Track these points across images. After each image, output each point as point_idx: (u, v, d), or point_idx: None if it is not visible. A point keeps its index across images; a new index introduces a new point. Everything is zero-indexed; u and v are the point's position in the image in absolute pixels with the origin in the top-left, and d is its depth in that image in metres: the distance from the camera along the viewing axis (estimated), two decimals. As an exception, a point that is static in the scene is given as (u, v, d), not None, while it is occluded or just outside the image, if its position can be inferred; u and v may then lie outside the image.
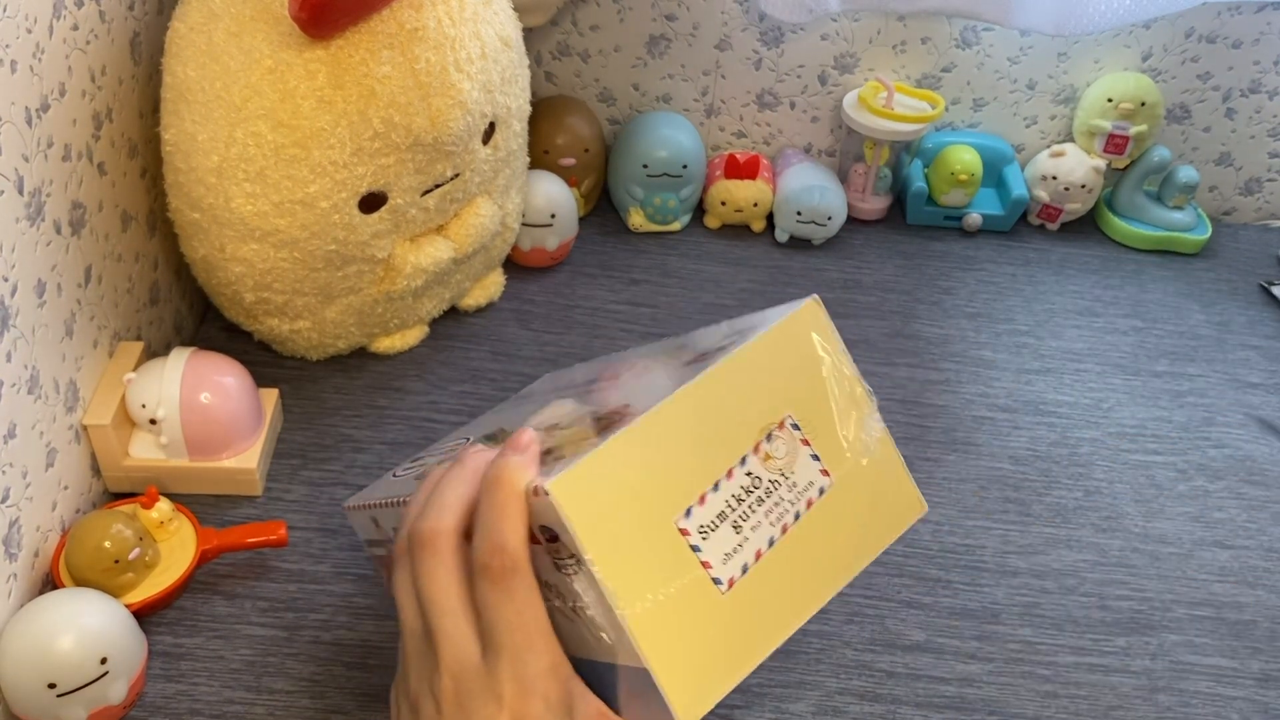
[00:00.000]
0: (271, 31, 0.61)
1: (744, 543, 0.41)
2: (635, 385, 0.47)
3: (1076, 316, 0.89)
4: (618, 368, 0.53)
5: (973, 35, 0.93)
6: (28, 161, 0.57)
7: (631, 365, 0.52)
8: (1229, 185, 1.02)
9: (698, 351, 0.47)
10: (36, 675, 0.52)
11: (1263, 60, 0.94)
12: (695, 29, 0.93)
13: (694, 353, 0.47)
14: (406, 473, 0.58)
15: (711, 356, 0.44)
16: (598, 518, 0.38)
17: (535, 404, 0.61)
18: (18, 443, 0.57)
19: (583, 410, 0.47)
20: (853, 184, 0.97)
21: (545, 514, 0.38)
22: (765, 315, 0.47)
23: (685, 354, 0.48)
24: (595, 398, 0.49)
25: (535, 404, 0.61)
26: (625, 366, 0.52)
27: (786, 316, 0.45)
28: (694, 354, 0.47)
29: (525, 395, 0.65)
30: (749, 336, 0.44)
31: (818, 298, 0.46)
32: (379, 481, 0.61)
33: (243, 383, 0.69)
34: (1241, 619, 0.67)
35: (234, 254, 0.67)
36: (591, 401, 0.48)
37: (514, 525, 0.38)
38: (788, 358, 0.44)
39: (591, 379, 0.57)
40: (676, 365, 0.47)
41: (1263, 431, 0.75)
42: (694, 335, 0.54)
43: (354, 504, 0.58)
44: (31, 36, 0.56)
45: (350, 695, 0.59)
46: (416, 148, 0.66)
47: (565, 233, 0.87)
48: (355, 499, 0.59)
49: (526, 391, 0.66)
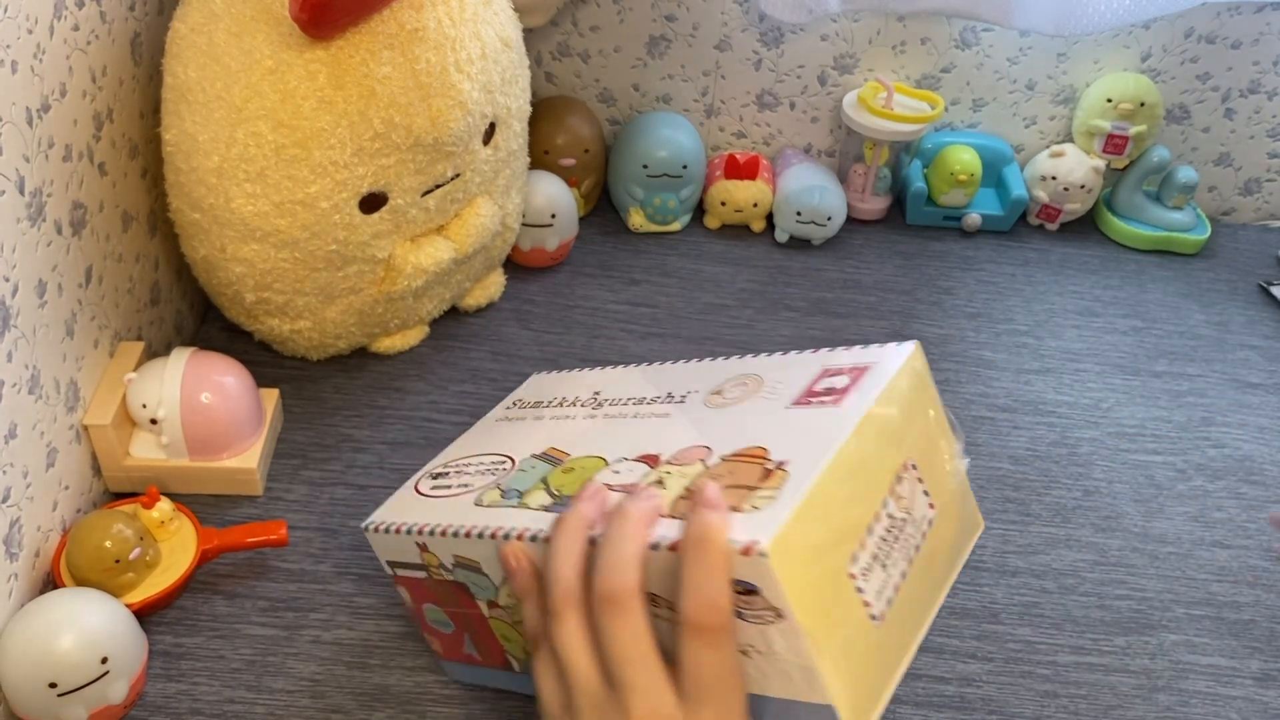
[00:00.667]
0: (272, 32, 0.61)
1: (888, 578, 0.45)
2: (716, 423, 0.50)
3: (1076, 316, 0.89)
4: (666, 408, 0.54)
5: (972, 36, 0.93)
6: (29, 162, 0.57)
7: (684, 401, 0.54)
8: (1228, 185, 1.02)
9: (795, 390, 0.50)
10: (37, 675, 0.52)
11: (1262, 60, 0.94)
12: (695, 29, 0.93)
13: (791, 391, 0.50)
14: (442, 493, 0.56)
15: (824, 399, 0.47)
16: (797, 573, 0.40)
17: (538, 416, 0.61)
18: (18, 443, 0.57)
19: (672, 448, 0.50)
20: (852, 184, 0.97)
21: (751, 571, 0.40)
22: (863, 354, 0.50)
23: (773, 389, 0.51)
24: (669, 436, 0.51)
25: (538, 416, 0.61)
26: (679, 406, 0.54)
27: (903, 362, 0.48)
28: (795, 393, 0.49)
29: (521, 403, 0.64)
30: (867, 384, 0.47)
31: (919, 343, 0.49)
32: (398, 500, 0.57)
33: (243, 383, 0.69)
34: (1240, 619, 0.67)
35: (235, 254, 0.67)
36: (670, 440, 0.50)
37: (725, 583, 0.40)
38: (905, 403, 0.48)
39: (625, 398, 0.57)
40: (767, 400, 0.50)
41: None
42: (754, 364, 0.55)
43: (380, 525, 0.55)
44: (32, 37, 0.57)
45: (350, 695, 0.59)
46: (417, 148, 0.66)
47: (565, 233, 0.88)
48: (379, 519, 0.56)
49: (517, 397, 0.65)
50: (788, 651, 0.41)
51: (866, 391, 0.46)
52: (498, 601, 0.52)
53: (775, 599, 0.40)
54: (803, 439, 0.45)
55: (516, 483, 0.53)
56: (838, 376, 0.49)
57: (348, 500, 0.69)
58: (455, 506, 0.53)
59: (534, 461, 0.54)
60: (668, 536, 0.42)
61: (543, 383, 0.66)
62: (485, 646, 0.55)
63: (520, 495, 0.51)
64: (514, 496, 0.51)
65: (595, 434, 0.55)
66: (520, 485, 0.52)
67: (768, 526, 0.40)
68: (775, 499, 0.41)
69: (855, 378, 0.48)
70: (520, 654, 0.54)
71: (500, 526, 0.49)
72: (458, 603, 0.54)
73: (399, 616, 0.63)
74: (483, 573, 0.51)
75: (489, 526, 0.49)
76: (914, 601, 0.46)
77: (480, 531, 0.49)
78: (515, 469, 0.54)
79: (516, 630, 0.52)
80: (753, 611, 0.41)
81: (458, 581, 0.52)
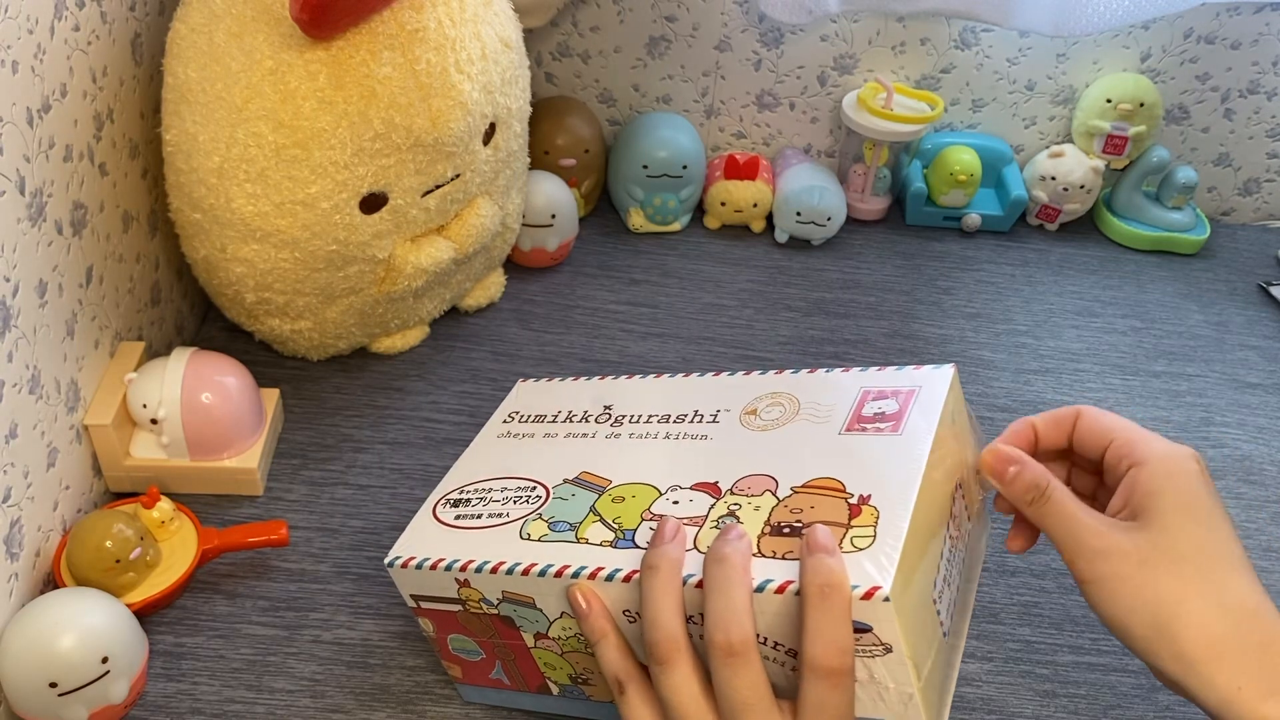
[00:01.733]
0: (272, 32, 0.62)
1: (953, 595, 0.48)
2: (766, 448, 0.51)
3: (1075, 317, 0.90)
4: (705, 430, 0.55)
5: (972, 36, 0.93)
6: (29, 162, 0.57)
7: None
8: (1228, 186, 1.02)
9: (841, 414, 0.51)
10: (38, 674, 0.52)
11: (1261, 61, 0.94)
12: (695, 30, 0.93)
13: (837, 415, 0.51)
14: (471, 524, 0.54)
15: (879, 425, 0.49)
16: (905, 610, 0.42)
17: (550, 434, 0.59)
18: (19, 443, 0.57)
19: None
20: (852, 184, 0.97)
21: (870, 613, 0.41)
22: (902, 375, 0.52)
23: (814, 412, 0.52)
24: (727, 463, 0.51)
25: (550, 434, 0.59)
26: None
27: (948, 386, 0.50)
28: (842, 417, 0.51)
29: (520, 416, 0.62)
30: (921, 409, 0.49)
31: (956, 365, 0.52)
32: (418, 530, 0.55)
33: (244, 383, 0.69)
34: (1240, 618, 0.67)
35: (235, 254, 0.68)
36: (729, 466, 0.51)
37: (849, 628, 0.41)
38: (953, 426, 0.50)
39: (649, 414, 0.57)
40: (813, 425, 0.51)
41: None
42: (782, 382, 0.56)
43: (409, 561, 0.53)
44: (33, 37, 0.57)
45: (350, 694, 0.59)
46: (417, 148, 0.66)
47: (565, 233, 0.88)
48: (406, 554, 0.53)
49: (513, 409, 0.63)
50: (889, 680, 0.43)
51: (925, 418, 0.48)
52: (548, 634, 0.51)
53: (889, 636, 0.42)
54: (877, 470, 0.46)
55: (560, 513, 0.52)
56: (885, 400, 0.51)
57: (348, 500, 0.70)
58: (496, 540, 0.52)
59: (571, 489, 0.53)
60: (773, 578, 0.43)
61: (535, 392, 0.64)
62: (521, 673, 0.54)
63: (572, 528, 0.50)
64: (564, 529, 0.50)
65: (632, 456, 0.54)
66: (567, 516, 0.51)
67: (884, 572, 0.41)
68: (875, 538, 0.43)
69: (905, 403, 0.50)
70: (565, 680, 0.53)
71: (566, 565, 0.48)
72: (495, 634, 0.53)
73: (399, 616, 0.63)
74: (536, 608, 0.50)
75: (551, 565, 0.48)
76: (962, 608, 0.50)
77: (541, 570, 0.48)
78: (552, 497, 0.53)
79: (567, 660, 0.52)
80: (860, 647, 0.42)
81: (502, 616, 0.51)
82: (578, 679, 0.53)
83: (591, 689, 0.53)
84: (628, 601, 0.47)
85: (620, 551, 0.47)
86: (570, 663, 0.52)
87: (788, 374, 0.56)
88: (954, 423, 0.50)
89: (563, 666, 0.52)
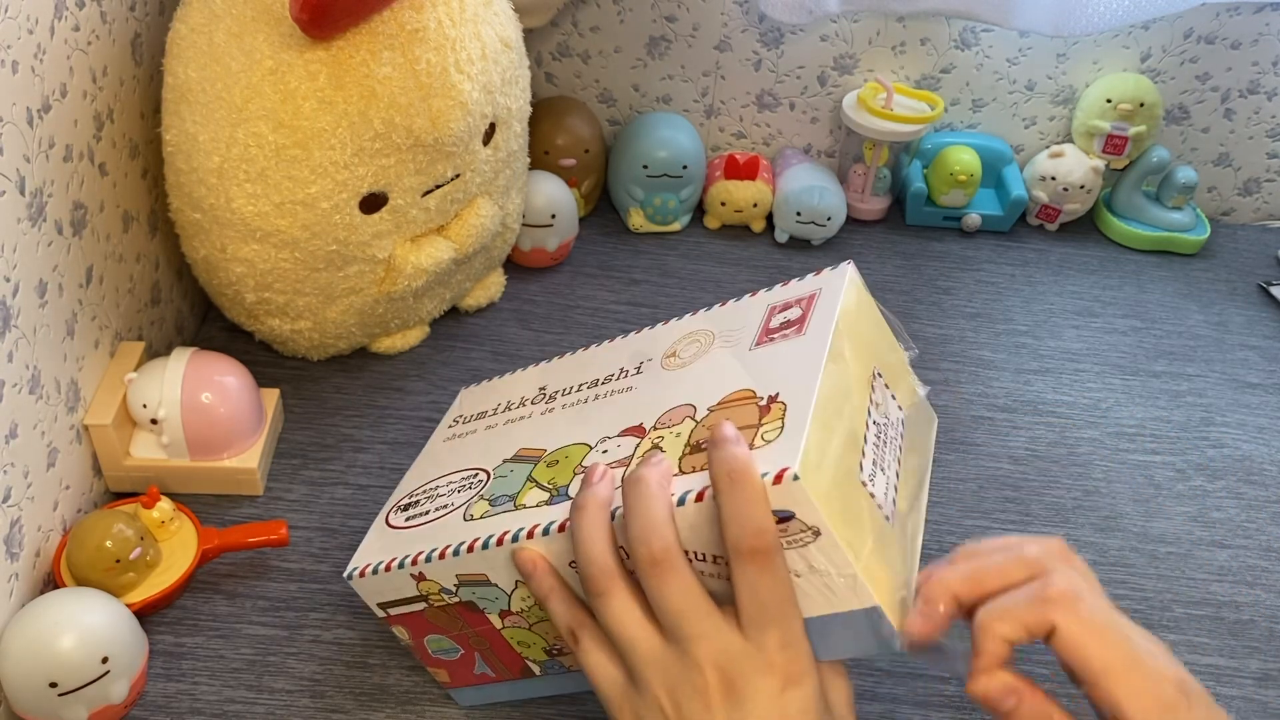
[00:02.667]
0: (272, 32, 0.62)
1: (889, 480, 0.48)
2: (686, 382, 0.51)
3: (1075, 317, 0.90)
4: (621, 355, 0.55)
5: (972, 36, 0.93)
6: (29, 162, 0.57)
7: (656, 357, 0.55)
8: (1227, 186, 1.02)
9: (751, 332, 0.52)
10: (38, 674, 0.52)
11: (1261, 61, 0.94)
12: (695, 30, 0.93)
13: (747, 335, 0.52)
14: (420, 521, 0.54)
15: (785, 332, 0.50)
16: (824, 491, 0.42)
17: (489, 425, 0.60)
18: (19, 442, 0.57)
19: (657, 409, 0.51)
20: (852, 184, 0.97)
21: (785, 498, 0.41)
22: (804, 284, 0.53)
23: (728, 338, 0.53)
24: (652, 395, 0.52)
25: (489, 425, 0.60)
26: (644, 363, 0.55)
27: (846, 282, 0.51)
28: (752, 335, 0.52)
29: (462, 419, 0.63)
30: (822, 308, 0.50)
31: (853, 262, 0.53)
32: (373, 541, 0.56)
33: (244, 382, 0.69)
34: (1240, 618, 0.67)
35: (235, 254, 0.68)
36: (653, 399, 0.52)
37: (765, 507, 0.41)
38: (859, 318, 0.50)
39: (579, 382, 0.57)
40: (727, 349, 0.52)
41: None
42: (697, 321, 0.56)
43: (365, 569, 0.53)
44: (33, 37, 0.57)
45: (350, 694, 0.59)
46: (417, 148, 0.66)
47: (565, 233, 0.88)
48: (361, 563, 0.54)
49: (456, 414, 0.64)
50: (828, 565, 0.42)
51: (825, 315, 0.49)
52: (510, 609, 0.51)
53: (811, 519, 0.41)
54: (783, 371, 0.47)
55: (501, 489, 0.52)
56: (789, 310, 0.52)
57: (348, 500, 0.70)
58: (444, 528, 0.52)
59: (510, 466, 0.54)
60: (692, 488, 0.43)
61: (476, 394, 0.65)
62: (500, 660, 0.55)
63: (511, 499, 0.51)
64: (504, 502, 0.51)
65: (564, 424, 0.55)
66: (507, 490, 0.52)
67: (790, 454, 0.41)
68: (783, 428, 0.43)
69: (807, 307, 0.51)
70: (542, 656, 0.53)
71: (505, 530, 0.48)
72: (464, 624, 0.53)
73: (399, 616, 0.63)
74: (491, 584, 0.50)
75: (492, 534, 0.49)
76: (909, 498, 0.49)
77: (484, 542, 0.49)
78: (493, 478, 0.54)
79: (536, 632, 0.52)
80: (789, 537, 0.42)
81: (463, 601, 0.52)
82: (553, 651, 0.53)
83: (567, 658, 0.53)
84: (568, 553, 0.47)
85: (555, 507, 0.48)
86: (540, 634, 0.52)
87: (701, 312, 0.57)
88: (860, 314, 0.51)
89: (535, 642, 0.53)
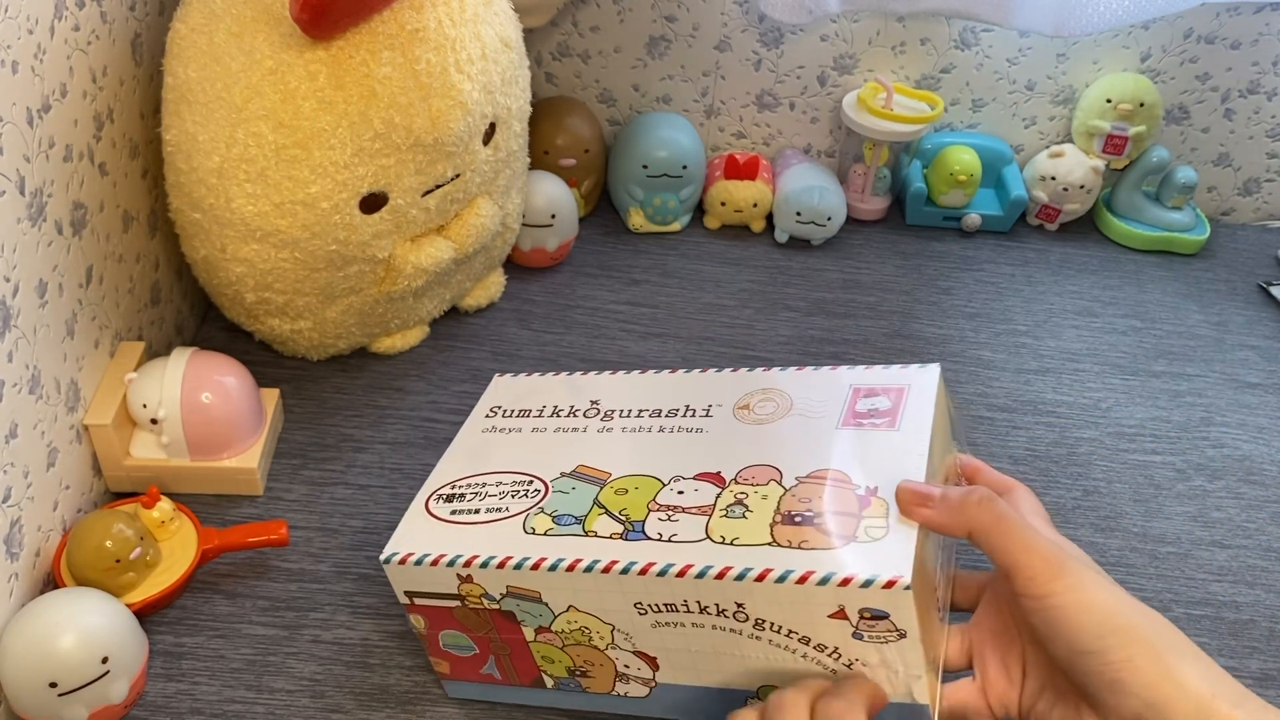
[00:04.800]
0: (272, 32, 0.62)
1: (941, 576, 0.50)
2: (764, 441, 0.52)
3: (1075, 317, 0.90)
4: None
5: (972, 36, 0.93)
6: (29, 162, 0.57)
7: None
8: (1227, 186, 1.02)
9: (835, 410, 0.53)
10: (38, 674, 0.52)
11: (1261, 61, 0.94)
12: (695, 30, 0.93)
13: (831, 411, 0.53)
14: (470, 519, 0.53)
15: (875, 421, 0.51)
16: (918, 598, 0.44)
17: (538, 428, 0.59)
18: (19, 442, 0.57)
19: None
20: (852, 184, 0.97)
21: (889, 601, 0.43)
22: (890, 374, 0.55)
23: (807, 407, 0.54)
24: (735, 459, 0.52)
25: (538, 428, 0.59)
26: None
27: (935, 385, 0.53)
28: (836, 412, 0.53)
29: (502, 410, 0.62)
30: (914, 407, 0.51)
31: (940, 365, 0.55)
32: (412, 526, 0.54)
33: (244, 382, 0.69)
34: (1240, 618, 0.67)
35: (235, 254, 0.68)
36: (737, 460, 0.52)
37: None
38: (940, 423, 0.52)
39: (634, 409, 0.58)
40: (808, 419, 0.53)
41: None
42: (770, 378, 0.57)
43: (407, 557, 0.52)
44: (33, 37, 0.57)
45: (350, 694, 0.59)
46: (417, 148, 0.66)
47: (565, 233, 0.88)
48: (403, 550, 0.53)
49: (495, 403, 0.63)
50: (901, 663, 0.45)
51: (920, 414, 0.51)
52: (549, 628, 0.51)
53: (904, 623, 0.43)
54: (882, 465, 0.48)
55: (564, 506, 0.52)
56: (875, 397, 0.53)
57: (348, 500, 0.70)
58: (500, 535, 0.52)
59: (570, 482, 0.54)
60: (794, 569, 0.44)
61: (513, 387, 0.65)
62: (514, 667, 0.55)
63: (578, 521, 0.51)
64: (570, 522, 0.51)
65: (627, 449, 0.55)
66: (571, 509, 0.52)
67: (903, 562, 0.43)
68: (889, 529, 0.45)
69: (897, 400, 0.52)
70: (562, 673, 0.53)
71: (578, 559, 0.48)
72: (493, 629, 0.53)
73: (399, 616, 0.63)
74: (541, 602, 0.50)
75: (562, 558, 0.49)
76: (947, 589, 0.52)
77: (552, 564, 0.49)
78: (551, 491, 0.53)
79: (567, 652, 0.52)
80: (874, 633, 0.44)
81: (503, 610, 0.51)
82: (576, 671, 0.53)
83: (589, 680, 0.53)
84: (640, 594, 0.47)
85: (631, 544, 0.48)
86: (571, 655, 0.52)
87: (775, 371, 0.58)
88: (940, 413, 0.52)
89: (562, 659, 0.53)
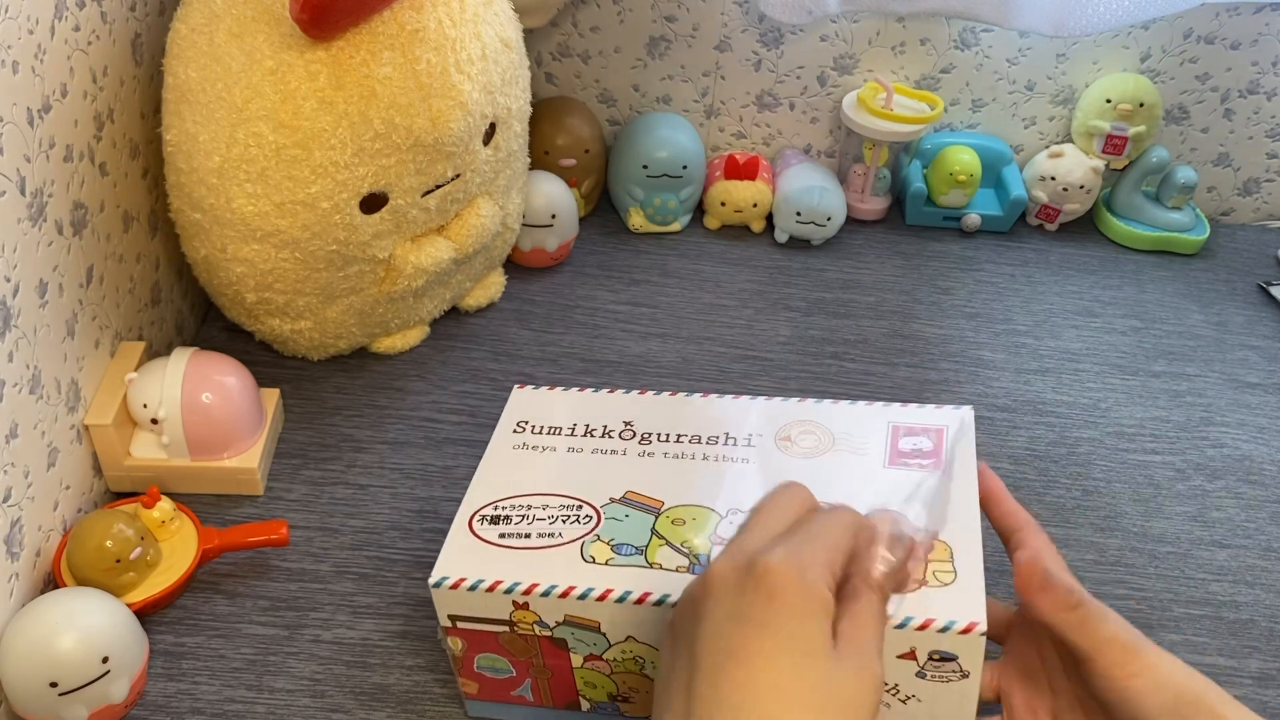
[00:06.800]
0: (273, 32, 0.62)
1: None
2: (813, 477, 0.51)
3: (1075, 317, 0.90)
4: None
5: (971, 36, 0.93)
6: (29, 162, 0.57)
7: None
8: (1227, 186, 1.02)
9: (879, 448, 0.55)
10: (38, 674, 0.52)
11: (1261, 61, 0.94)
12: (695, 30, 0.93)
13: (875, 449, 0.55)
14: (520, 544, 0.52)
15: (921, 461, 0.54)
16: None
17: (574, 448, 0.58)
18: (19, 442, 0.57)
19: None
20: (852, 184, 0.97)
21: (963, 646, 0.44)
22: (926, 414, 0.57)
23: (849, 444, 0.56)
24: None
25: (574, 448, 0.58)
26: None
27: (971, 425, 0.56)
28: (881, 451, 0.55)
29: (530, 426, 0.60)
30: (958, 448, 0.54)
31: (971, 408, 0.57)
32: (457, 548, 0.52)
33: (244, 382, 0.69)
34: (1239, 618, 0.67)
35: (235, 254, 0.68)
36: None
37: None
38: (965, 458, 0.54)
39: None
40: (853, 456, 0.55)
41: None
42: (808, 410, 0.58)
43: (459, 582, 0.50)
44: (33, 37, 0.57)
45: (350, 694, 0.59)
46: (417, 148, 0.66)
47: (565, 233, 0.88)
48: (454, 574, 0.51)
49: (520, 419, 0.60)
50: (954, 704, 0.46)
51: (963, 456, 0.53)
52: (601, 655, 0.51)
53: (970, 665, 0.45)
54: (936, 508, 0.50)
55: (621, 535, 0.52)
56: (916, 437, 0.55)
57: (348, 500, 0.70)
58: (557, 562, 0.51)
59: (623, 509, 0.53)
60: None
61: (536, 401, 0.62)
62: (551, 691, 0.54)
63: (639, 551, 0.51)
64: (631, 552, 0.51)
65: (674, 477, 0.55)
66: (630, 539, 0.52)
67: (977, 608, 0.45)
68: (955, 572, 0.47)
69: (938, 440, 0.55)
70: (603, 698, 0.54)
71: (648, 592, 0.48)
72: (538, 654, 0.52)
73: (399, 616, 0.63)
74: (599, 632, 0.50)
75: (630, 591, 0.49)
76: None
77: (620, 596, 0.49)
78: (604, 518, 0.53)
79: (614, 679, 0.52)
80: (939, 674, 0.45)
81: (556, 638, 0.51)
82: (618, 697, 0.53)
83: (629, 705, 0.53)
84: None
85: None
86: (616, 682, 0.52)
87: (810, 402, 0.59)
88: (967, 460, 0.54)
89: (605, 686, 0.53)
